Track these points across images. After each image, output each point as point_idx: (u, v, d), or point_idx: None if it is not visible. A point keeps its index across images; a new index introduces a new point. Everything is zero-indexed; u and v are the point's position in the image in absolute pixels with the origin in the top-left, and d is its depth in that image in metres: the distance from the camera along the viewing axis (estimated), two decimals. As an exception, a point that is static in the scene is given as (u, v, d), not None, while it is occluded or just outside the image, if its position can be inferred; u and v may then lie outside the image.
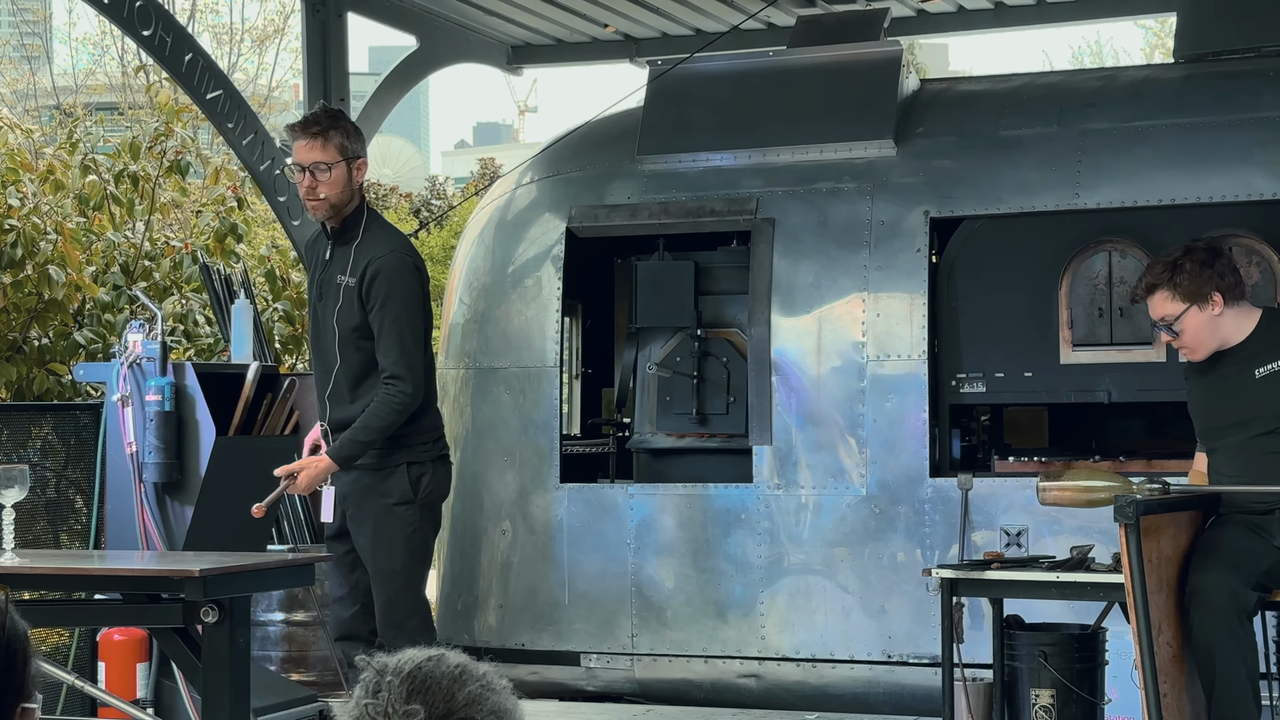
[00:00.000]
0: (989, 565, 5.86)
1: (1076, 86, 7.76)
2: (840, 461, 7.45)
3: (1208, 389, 5.58)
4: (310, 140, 5.65)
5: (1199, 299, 5.46)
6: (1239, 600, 5.20)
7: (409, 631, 5.61)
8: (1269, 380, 5.43)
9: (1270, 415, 5.42)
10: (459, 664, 1.98)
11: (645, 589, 7.67)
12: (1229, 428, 5.50)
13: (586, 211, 7.96)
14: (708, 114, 7.95)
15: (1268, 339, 5.49)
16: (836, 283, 7.54)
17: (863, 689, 7.36)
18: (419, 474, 5.77)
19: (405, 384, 5.63)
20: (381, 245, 5.68)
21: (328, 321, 5.75)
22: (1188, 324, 5.48)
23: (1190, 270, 5.47)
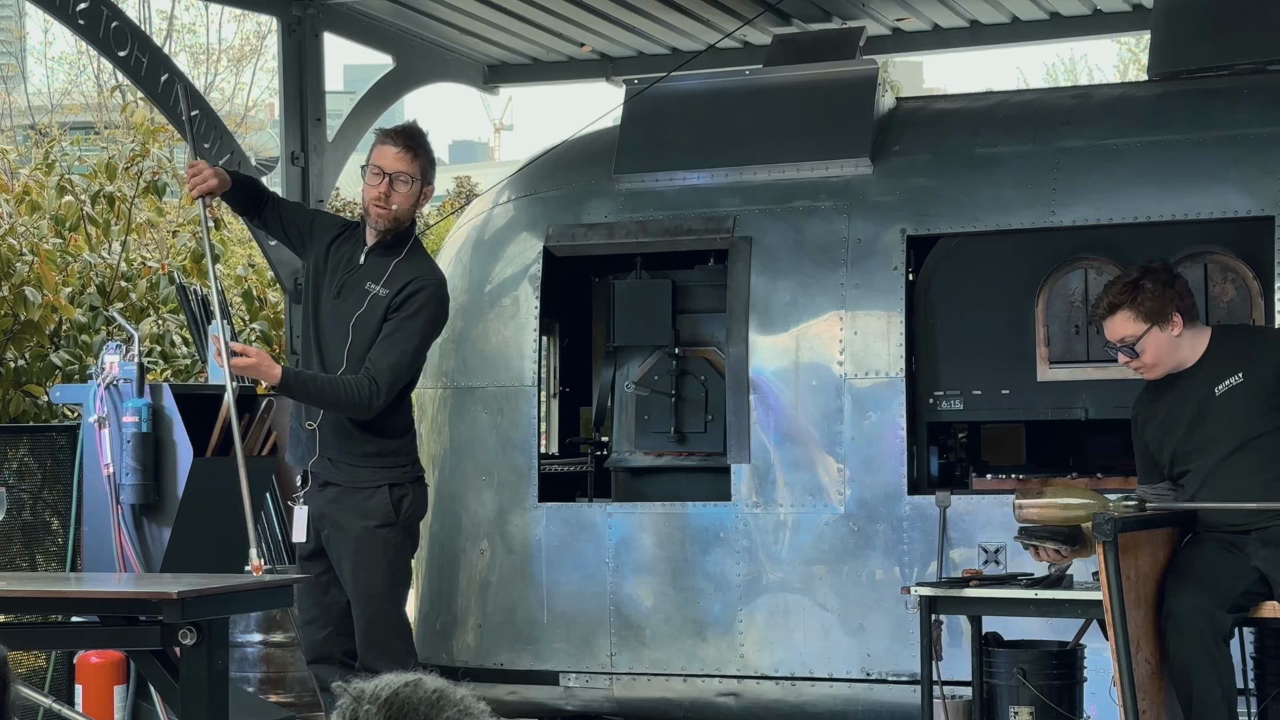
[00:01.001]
0: (967, 583, 5.88)
1: (1052, 104, 7.79)
2: (818, 479, 7.45)
3: (1169, 415, 5.57)
4: (402, 150, 5.74)
5: (1161, 319, 5.49)
6: (1214, 624, 5.21)
7: (390, 653, 5.60)
8: (1229, 396, 5.45)
9: (1236, 432, 5.43)
10: (437, 689, 1.98)
11: (624, 608, 7.66)
12: (1197, 450, 5.49)
13: (564, 230, 7.96)
14: (684, 133, 7.96)
15: (1221, 355, 5.51)
16: (814, 301, 7.55)
17: (842, 707, 7.36)
18: (400, 495, 5.77)
19: (379, 391, 5.62)
20: (426, 270, 5.76)
21: (342, 324, 5.73)
22: (1149, 344, 5.51)
23: (1152, 290, 5.50)
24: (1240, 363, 5.47)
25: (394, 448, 5.77)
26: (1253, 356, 5.46)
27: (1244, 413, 5.42)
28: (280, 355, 8.99)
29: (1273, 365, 5.42)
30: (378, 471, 5.74)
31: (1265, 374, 5.41)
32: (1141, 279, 5.55)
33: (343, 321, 5.77)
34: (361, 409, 5.65)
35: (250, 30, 25.77)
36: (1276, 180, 6.94)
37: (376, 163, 5.75)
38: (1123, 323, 5.55)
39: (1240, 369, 5.46)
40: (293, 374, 5.65)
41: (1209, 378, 5.50)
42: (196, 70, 25.50)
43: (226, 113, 22.03)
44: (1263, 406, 5.40)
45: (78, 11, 7.59)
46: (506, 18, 9.16)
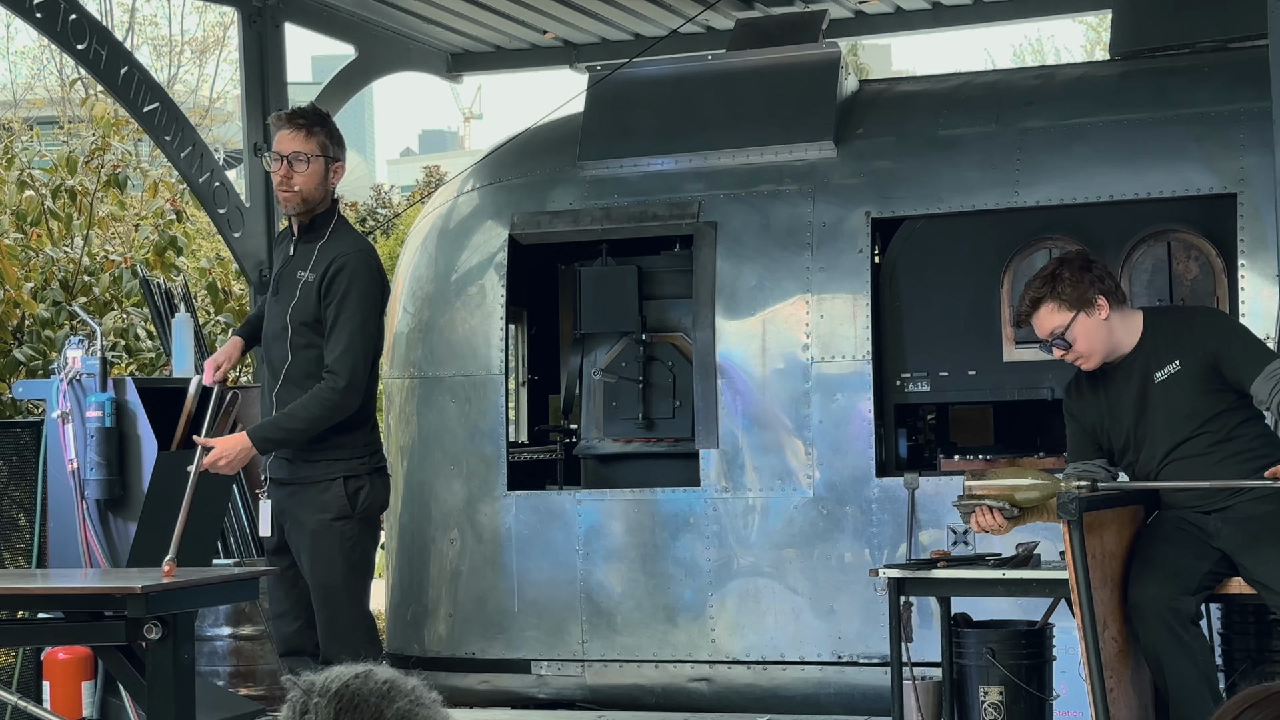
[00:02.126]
0: (936, 564, 5.88)
1: (1014, 85, 7.79)
2: (787, 463, 7.45)
3: (1111, 405, 5.54)
4: (294, 131, 5.68)
5: (1085, 305, 5.42)
6: (1178, 611, 5.22)
7: (352, 645, 5.59)
8: (1169, 384, 5.42)
9: (1181, 419, 5.41)
10: (387, 680, 1.97)
11: (595, 595, 7.65)
12: (1146, 439, 5.47)
13: (529, 218, 7.95)
14: (648, 118, 7.94)
15: (1156, 342, 5.46)
16: (780, 285, 7.54)
17: (813, 690, 7.36)
18: (356, 487, 5.74)
19: (341, 380, 5.60)
20: (345, 245, 5.71)
21: (279, 319, 5.73)
22: (1078, 331, 5.43)
23: (1070, 278, 5.43)
24: (1175, 350, 5.43)
25: (348, 440, 5.73)
26: (1186, 343, 5.42)
27: (1187, 399, 5.40)
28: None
29: (1206, 351, 5.38)
30: (332, 465, 5.69)
31: (1200, 360, 5.38)
32: (1058, 269, 5.49)
33: (281, 316, 5.74)
34: (339, 410, 5.63)
35: (213, 21, 25.67)
36: (1238, 158, 6.95)
37: (275, 149, 5.71)
38: (1048, 315, 5.46)
39: (1176, 356, 5.42)
40: (259, 428, 5.65)
41: (1146, 366, 5.46)
42: (159, 63, 25.39)
43: (191, 105, 21.93)
44: (1203, 390, 5.39)
45: (35, 5, 7.54)
46: (469, 6, 9.13)
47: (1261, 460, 5.31)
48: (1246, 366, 5.31)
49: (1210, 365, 5.37)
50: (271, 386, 5.78)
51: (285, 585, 5.83)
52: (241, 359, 6.20)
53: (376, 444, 5.89)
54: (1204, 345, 5.39)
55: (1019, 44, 46.80)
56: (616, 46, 9.77)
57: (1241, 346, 5.42)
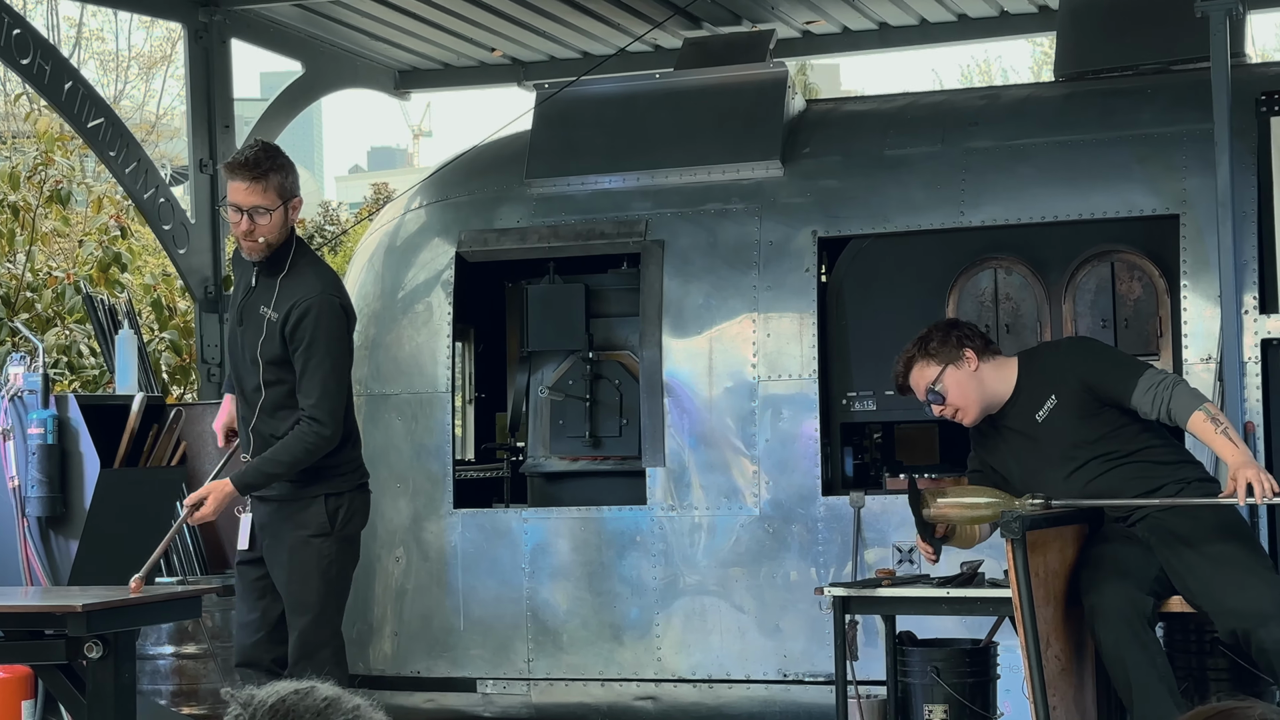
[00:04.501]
0: (880, 583, 5.89)
1: (960, 106, 7.83)
2: (733, 481, 7.46)
3: (1005, 450, 5.67)
4: (250, 184, 5.58)
5: (953, 359, 5.67)
6: (1137, 607, 5.26)
7: (319, 663, 5.58)
8: (1051, 420, 5.56)
9: (1070, 448, 5.51)
10: (327, 698, 1.95)
11: (541, 613, 7.63)
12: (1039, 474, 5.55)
13: (476, 236, 7.94)
14: (596, 137, 7.95)
15: (1030, 383, 5.63)
16: (726, 303, 7.56)
17: (759, 709, 7.37)
18: (336, 506, 5.75)
19: (324, 427, 5.63)
20: (309, 285, 5.65)
21: (249, 352, 5.72)
22: (949, 383, 5.65)
23: (937, 338, 5.73)
24: (1049, 385, 5.59)
25: (329, 460, 5.74)
26: (1057, 376, 5.58)
27: (1072, 430, 5.52)
28: (190, 365, 8.91)
29: (1076, 381, 5.54)
30: (313, 484, 5.70)
31: (1074, 388, 5.54)
32: (927, 334, 5.78)
33: (250, 350, 5.72)
34: (320, 451, 5.65)
35: (160, 37, 25.54)
36: (1180, 179, 7.01)
37: (231, 200, 5.62)
38: (920, 372, 5.72)
39: (1051, 392, 5.57)
40: (243, 474, 5.66)
41: (1027, 408, 5.62)
42: (105, 78, 25.25)
43: (137, 121, 21.81)
44: (1086, 417, 5.51)
45: (-22, 19, 7.49)
46: (417, 23, 9.12)
47: (1169, 468, 5.40)
48: (1121, 384, 5.44)
49: (1084, 392, 5.50)
50: (248, 418, 5.77)
51: (253, 597, 5.83)
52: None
53: (358, 461, 5.90)
54: (1073, 374, 5.53)
55: (967, 65, 47.13)
56: (564, 65, 9.78)
57: (1110, 365, 5.56)
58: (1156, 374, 5.46)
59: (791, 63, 8.14)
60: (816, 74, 30.83)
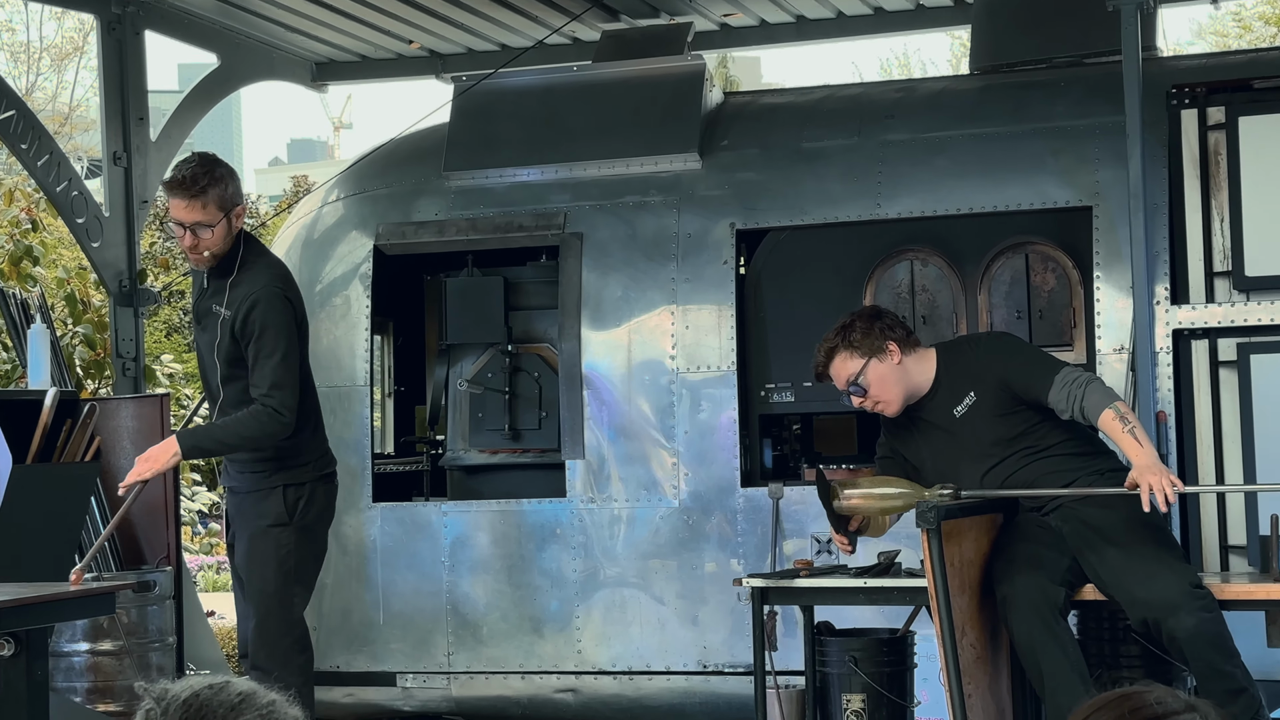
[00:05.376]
0: (799, 573, 5.92)
1: (876, 98, 7.88)
2: (653, 474, 7.48)
3: (922, 443, 5.69)
4: (189, 201, 5.62)
5: (876, 351, 5.62)
6: (1048, 597, 5.31)
7: (281, 653, 5.67)
8: (969, 416, 5.58)
9: (989, 445, 5.54)
10: (241, 692, 1.95)
11: (461, 607, 7.62)
12: (957, 468, 5.59)
13: (394, 229, 7.91)
14: (514, 129, 7.94)
15: (950, 378, 5.63)
16: (645, 296, 7.57)
17: (679, 700, 7.39)
18: (296, 497, 5.79)
19: (280, 412, 5.66)
20: (255, 281, 5.70)
21: (209, 354, 5.80)
22: (872, 377, 5.62)
23: (860, 328, 5.66)
24: (968, 382, 5.61)
25: (289, 449, 5.77)
26: (976, 373, 5.59)
27: (989, 427, 5.56)
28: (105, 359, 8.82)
29: (995, 379, 5.56)
30: (273, 475, 5.75)
31: (993, 389, 5.56)
32: (850, 322, 5.73)
33: (209, 350, 5.79)
34: (275, 432, 5.67)
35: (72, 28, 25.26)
36: (1093, 171, 7.08)
37: (174, 216, 5.69)
38: (842, 363, 5.67)
39: (970, 388, 5.59)
40: (189, 433, 5.74)
41: (945, 402, 5.64)
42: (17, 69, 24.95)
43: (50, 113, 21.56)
44: (1004, 414, 5.55)
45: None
46: (334, 15, 9.07)
47: (1083, 459, 5.46)
48: (1038, 382, 5.47)
49: (1002, 390, 5.53)
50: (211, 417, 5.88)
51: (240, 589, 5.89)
52: None
53: (322, 449, 5.93)
54: (991, 372, 5.56)
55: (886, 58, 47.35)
56: (482, 57, 9.74)
57: (1027, 364, 5.57)
58: (1072, 372, 5.50)
59: (712, 56, 8.16)
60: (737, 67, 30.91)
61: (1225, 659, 5.18)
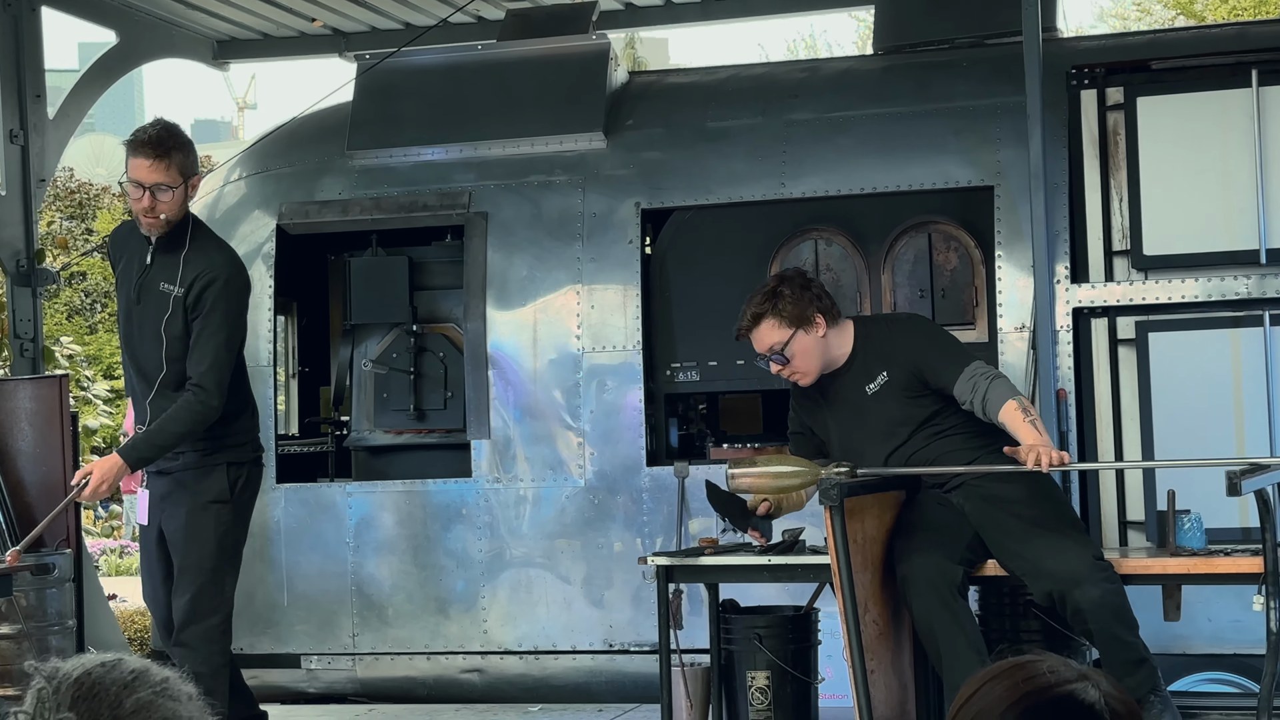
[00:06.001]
0: (703, 552, 5.93)
1: (781, 78, 7.90)
2: (559, 453, 7.47)
3: (831, 415, 5.71)
4: (154, 161, 5.63)
5: (804, 323, 5.59)
6: (947, 576, 5.35)
7: (207, 630, 5.67)
8: (881, 395, 5.60)
9: (897, 425, 5.58)
10: (134, 670, 1.92)
11: (366, 588, 7.59)
12: (863, 445, 5.62)
13: (297, 208, 7.85)
14: (418, 108, 7.89)
15: (866, 354, 5.64)
16: (551, 275, 7.56)
17: (585, 679, 7.40)
18: (237, 475, 5.82)
19: (211, 396, 5.65)
20: (213, 259, 5.72)
21: (150, 328, 5.72)
22: (796, 348, 5.61)
23: (791, 296, 5.59)
24: (883, 361, 5.63)
25: (232, 429, 5.80)
26: (892, 354, 5.61)
27: (899, 407, 5.59)
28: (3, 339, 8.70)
29: (908, 362, 5.59)
30: (216, 453, 5.76)
31: (905, 369, 5.59)
32: (779, 287, 5.65)
33: (152, 326, 5.73)
34: (206, 418, 5.67)
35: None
36: (995, 151, 7.14)
37: (134, 177, 5.65)
38: (768, 331, 5.63)
39: (884, 367, 5.61)
40: (130, 447, 5.67)
41: (858, 378, 5.65)
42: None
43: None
44: (914, 397, 5.58)
45: None
46: (235, -8, 8.97)
47: (985, 439, 5.50)
48: (948, 372, 5.50)
49: (915, 374, 5.56)
50: (144, 393, 5.76)
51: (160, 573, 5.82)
52: None
53: (256, 431, 5.95)
54: (907, 355, 5.58)
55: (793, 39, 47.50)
56: (386, 35, 9.68)
57: (941, 353, 5.60)
58: (980, 366, 5.54)
59: (619, 36, 8.15)
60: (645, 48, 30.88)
61: (1127, 630, 5.26)
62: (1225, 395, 6.71)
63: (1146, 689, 5.24)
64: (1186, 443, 6.59)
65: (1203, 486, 5.81)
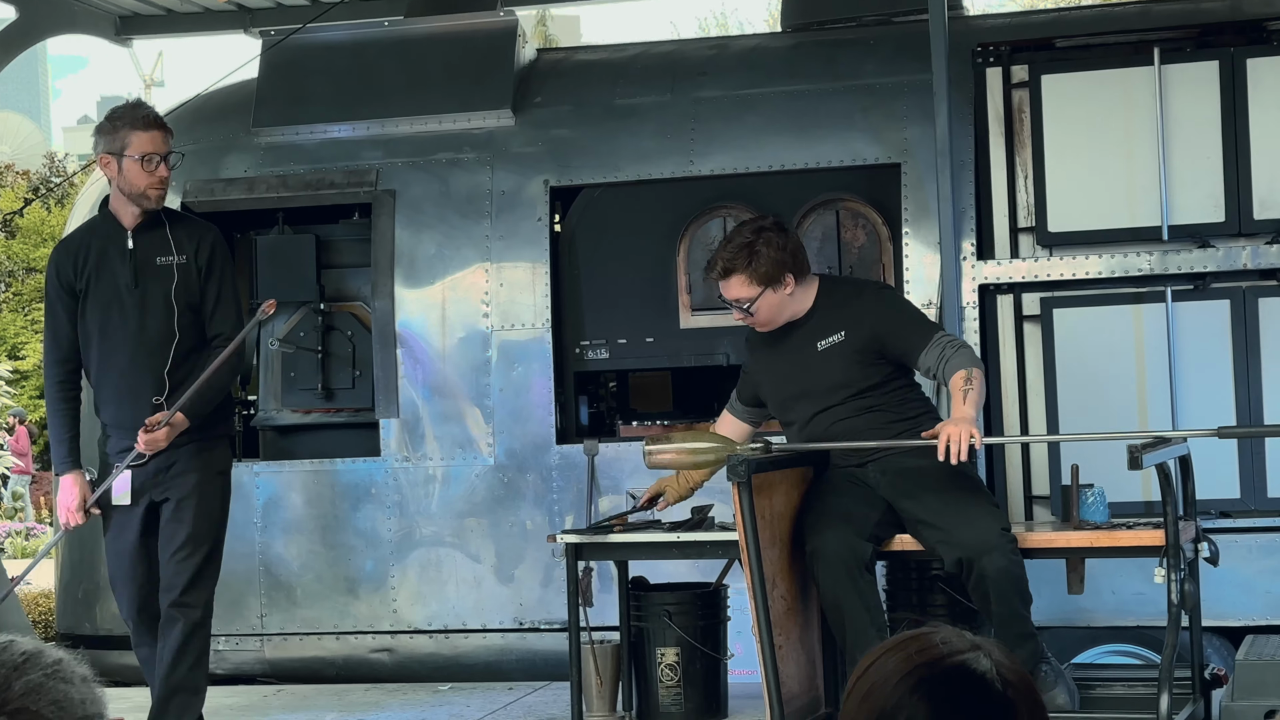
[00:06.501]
0: (613, 529, 5.94)
1: (689, 55, 7.90)
2: (468, 432, 7.45)
3: (775, 362, 5.75)
4: (165, 134, 5.95)
5: (774, 282, 5.62)
6: (856, 552, 5.39)
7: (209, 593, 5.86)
8: (830, 353, 5.63)
9: (837, 386, 5.61)
10: (26, 652, 1.90)
11: (274, 568, 7.54)
12: (797, 399, 5.67)
13: (202, 185, 7.77)
14: (325, 85, 7.83)
15: (826, 310, 5.68)
16: (459, 253, 7.52)
17: (495, 657, 7.39)
18: (230, 449, 6.12)
19: (243, 349, 5.95)
20: (196, 223, 6.02)
21: (156, 302, 5.84)
22: (761, 305, 5.65)
23: (766, 255, 5.60)
24: (842, 320, 5.65)
25: (227, 402, 6.03)
26: (852, 315, 5.64)
27: (843, 369, 5.62)
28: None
29: (869, 327, 5.61)
30: (217, 426, 5.96)
31: (863, 335, 5.61)
32: (755, 242, 5.63)
33: (158, 299, 5.84)
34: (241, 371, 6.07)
35: None
36: (902, 129, 7.17)
37: (150, 150, 5.86)
38: (737, 285, 5.64)
39: (842, 327, 5.64)
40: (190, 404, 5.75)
41: (813, 332, 5.68)
42: None
43: None
44: (862, 362, 5.61)
45: None
46: (138, -34, 8.85)
47: (910, 421, 5.54)
48: (912, 340, 5.53)
49: (873, 339, 5.58)
50: (160, 366, 5.81)
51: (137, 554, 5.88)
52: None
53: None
54: (868, 319, 5.60)
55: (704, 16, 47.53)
56: (292, 11, 9.59)
57: (906, 320, 5.64)
58: (947, 335, 5.59)
59: (529, 13, 8.11)
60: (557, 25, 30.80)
61: (1023, 604, 5.32)
62: (1128, 371, 6.79)
63: (1034, 661, 5.31)
64: (1091, 418, 6.66)
65: (1106, 461, 5.87)
